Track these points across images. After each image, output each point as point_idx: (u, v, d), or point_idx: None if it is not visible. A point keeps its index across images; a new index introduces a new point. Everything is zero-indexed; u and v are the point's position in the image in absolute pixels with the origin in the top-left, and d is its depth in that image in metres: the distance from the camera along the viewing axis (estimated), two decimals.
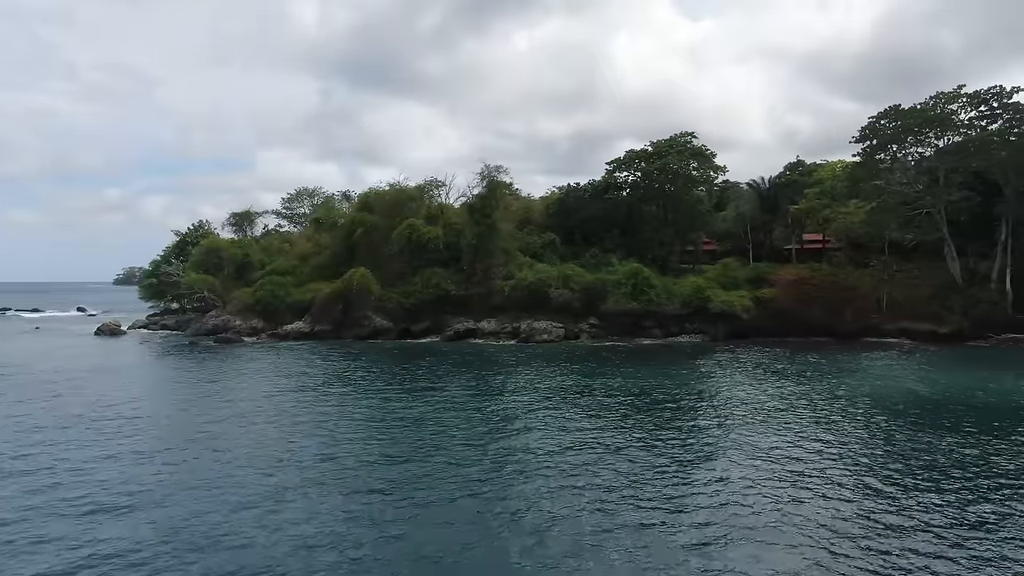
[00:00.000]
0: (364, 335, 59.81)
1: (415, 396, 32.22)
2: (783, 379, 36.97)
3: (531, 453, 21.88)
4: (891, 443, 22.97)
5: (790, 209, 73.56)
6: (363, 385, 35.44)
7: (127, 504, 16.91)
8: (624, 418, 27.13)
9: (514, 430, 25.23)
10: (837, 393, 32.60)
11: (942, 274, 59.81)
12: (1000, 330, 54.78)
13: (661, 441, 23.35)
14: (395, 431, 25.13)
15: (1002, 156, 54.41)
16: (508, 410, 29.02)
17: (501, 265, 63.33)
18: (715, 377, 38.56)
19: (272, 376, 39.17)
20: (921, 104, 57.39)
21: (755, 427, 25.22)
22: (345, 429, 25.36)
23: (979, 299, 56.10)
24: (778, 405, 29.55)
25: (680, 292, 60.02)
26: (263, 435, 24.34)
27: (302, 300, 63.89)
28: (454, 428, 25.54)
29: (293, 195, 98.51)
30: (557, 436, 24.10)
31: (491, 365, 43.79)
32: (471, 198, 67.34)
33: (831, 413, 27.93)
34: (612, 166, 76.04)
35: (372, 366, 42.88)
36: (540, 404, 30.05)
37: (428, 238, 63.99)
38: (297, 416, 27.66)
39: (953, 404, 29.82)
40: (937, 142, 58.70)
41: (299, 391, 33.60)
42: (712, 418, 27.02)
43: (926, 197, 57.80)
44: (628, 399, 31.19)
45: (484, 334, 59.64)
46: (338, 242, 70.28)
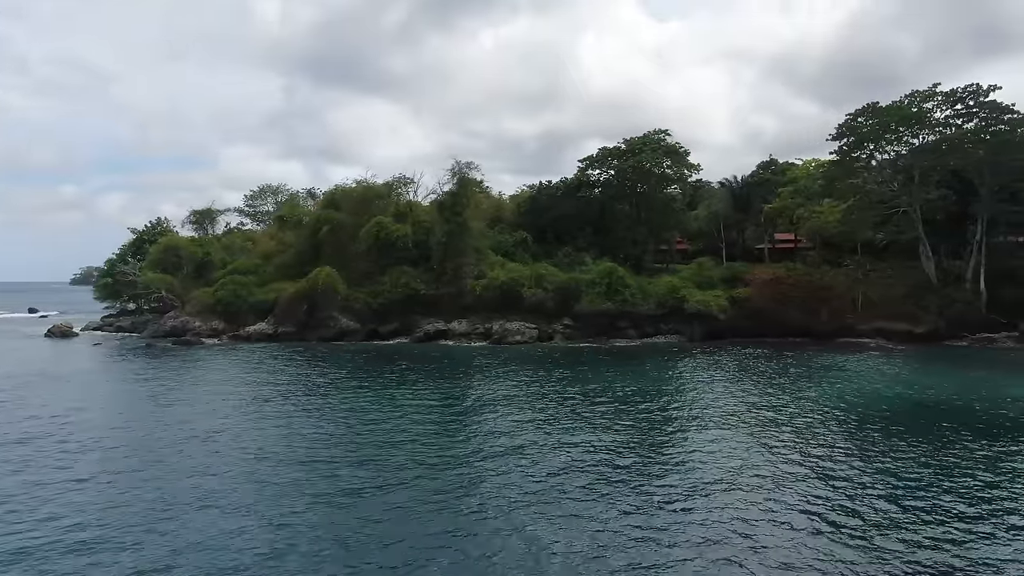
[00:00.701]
0: (330, 336, 57.62)
1: (382, 401, 30.43)
2: (762, 381, 35.74)
3: (502, 460, 20.52)
4: (871, 449, 21.93)
5: (763, 208, 72.93)
6: (328, 391, 33.45)
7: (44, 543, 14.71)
8: (600, 423, 25.65)
9: (486, 437, 23.63)
10: (816, 396, 31.53)
11: (916, 274, 59.45)
12: (975, 330, 54.43)
13: (636, 445, 22.33)
14: (361, 440, 23.37)
15: (979, 155, 54.02)
16: (480, 416, 27.39)
17: (472, 264, 61.59)
18: (693, 380, 37.19)
19: (231, 381, 36.98)
20: (897, 102, 56.83)
21: (733, 434, 24.08)
22: (308, 438, 23.55)
23: (954, 299, 55.72)
24: (757, 409, 28.34)
25: (655, 292, 58.85)
26: (219, 449, 22.31)
27: (265, 300, 61.49)
28: (423, 436, 23.94)
29: (256, 192, 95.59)
30: (530, 443, 22.62)
31: (462, 368, 42.04)
32: (441, 195, 65.48)
33: (812, 417, 26.84)
34: (585, 163, 74.80)
35: (338, 370, 40.87)
36: (513, 409, 28.44)
37: (397, 236, 62.01)
38: (256, 425, 25.70)
39: (936, 408, 28.89)
40: (913, 140, 58.26)
41: (259, 397, 31.54)
42: (689, 425, 25.64)
43: (902, 196, 57.33)
44: (605, 404, 29.65)
45: (455, 335, 57.84)
46: (303, 240, 67.89)
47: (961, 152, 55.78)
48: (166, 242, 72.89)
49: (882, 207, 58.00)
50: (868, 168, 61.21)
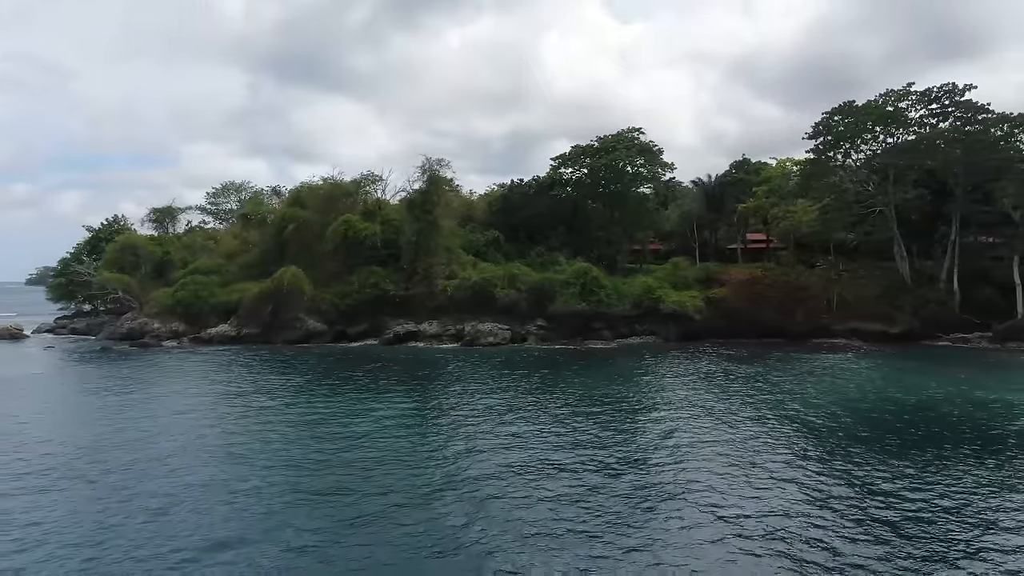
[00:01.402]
0: (295, 339, 55.58)
1: (350, 407, 28.81)
2: (740, 384, 34.63)
3: (474, 470, 19.44)
4: (848, 454, 21.24)
5: (737, 208, 72.49)
6: (292, 396, 31.68)
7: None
8: (574, 429, 24.37)
9: (457, 444, 22.34)
10: (797, 398, 30.67)
11: (889, 274, 59.36)
12: (949, 330, 54.33)
13: (609, 450, 21.35)
14: (325, 448, 21.89)
15: (955, 154, 53.85)
16: (451, 422, 25.98)
17: (443, 264, 59.99)
18: (670, 385, 35.85)
19: (190, 387, 34.96)
20: (872, 101, 56.54)
21: (710, 439, 23.22)
22: (269, 449, 21.95)
23: (928, 299, 55.55)
24: (736, 414, 27.31)
25: (630, 292, 57.82)
26: (173, 465, 20.54)
27: (228, 301, 59.12)
28: (391, 444, 22.51)
29: (219, 189, 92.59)
30: (503, 452, 21.39)
31: (433, 371, 40.50)
32: (411, 193, 63.79)
33: (794, 422, 25.93)
34: (557, 162, 73.63)
35: (302, 375, 39.01)
36: (486, 415, 27.00)
37: (365, 235, 60.13)
38: (214, 436, 23.92)
39: (917, 411, 28.01)
40: (889, 140, 58.04)
41: (219, 405, 29.74)
42: (667, 432, 24.33)
43: (878, 196, 57.06)
44: (581, 410, 28.29)
45: (426, 337, 56.15)
46: (267, 239, 65.62)
47: (936, 152, 55.66)
48: (123, 240, 70.04)
49: (858, 207, 57.71)
50: (844, 167, 60.90)
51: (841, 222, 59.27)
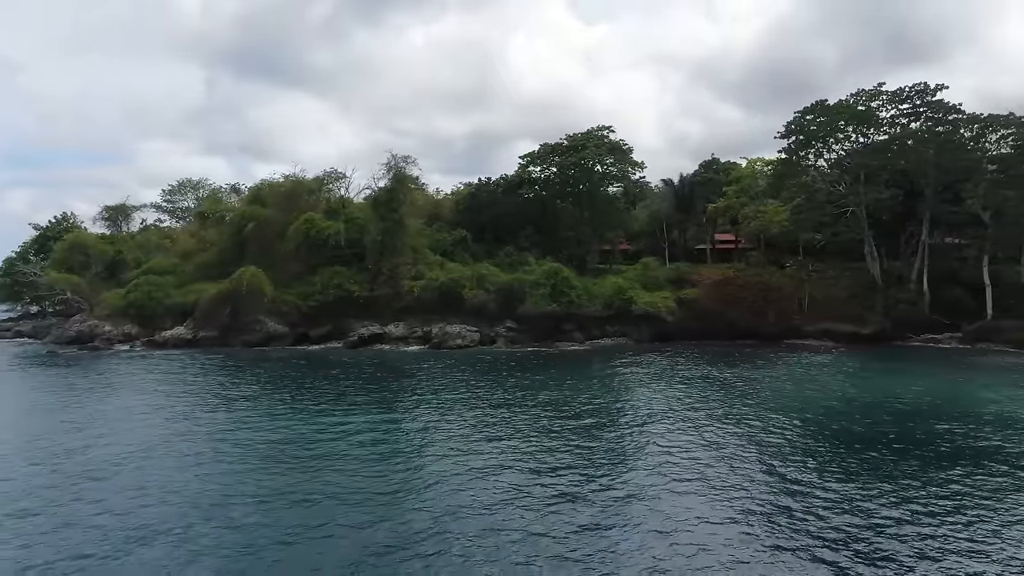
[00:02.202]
0: (255, 341, 53.26)
1: (309, 413, 27.25)
2: (715, 390, 33.61)
3: (440, 483, 18.60)
4: (823, 460, 21.09)
5: (707, 208, 71.95)
6: (249, 403, 29.89)
7: None
8: (549, 440, 23.15)
9: (424, 455, 21.17)
10: (772, 403, 29.98)
11: (858, 274, 59.29)
12: (919, 331, 54.28)
13: (586, 467, 20.15)
14: (283, 458, 20.58)
15: (927, 154, 53.74)
16: (417, 431, 24.59)
17: (409, 264, 58.24)
18: (644, 390, 34.60)
19: (142, 393, 32.99)
20: (844, 100, 56.25)
21: (682, 445, 22.53)
22: (223, 459, 20.67)
23: (899, 300, 55.44)
24: (712, 423, 26.20)
25: (601, 293, 56.64)
26: (119, 482, 18.74)
27: (184, 302, 56.55)
28: (352, 455, 21.25)
29: (175, 187, 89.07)
30: (471, 463, 20.30)
31: (399, 377, 38.84)
32: (376, 191, 61.88)
33: (770, 427, 25.22)
34: (526, 160, 72.29)
35: (261, 381, 37.10)
36: (454, 429, 25.53)
37: (328, 234, 58.00)
38: (163, 448, 22.21)
39: (896, 414, 27.38)
40: (861, 139, 57.84)
41: (170, 414, 27.84)
42: (643, 441, 23.30)
43: (850, 196, 56.80)
44: (553, 417, 27.03)
45: (391, 339, 54.30)
46: (226, 238, 63.03)
47: (907, 152, 55.57)
48: (72, 239, 66.90)
49: (830, 207, 57.41)
50: (816, 167, 60.62)
51: (812, 222, 58.93)
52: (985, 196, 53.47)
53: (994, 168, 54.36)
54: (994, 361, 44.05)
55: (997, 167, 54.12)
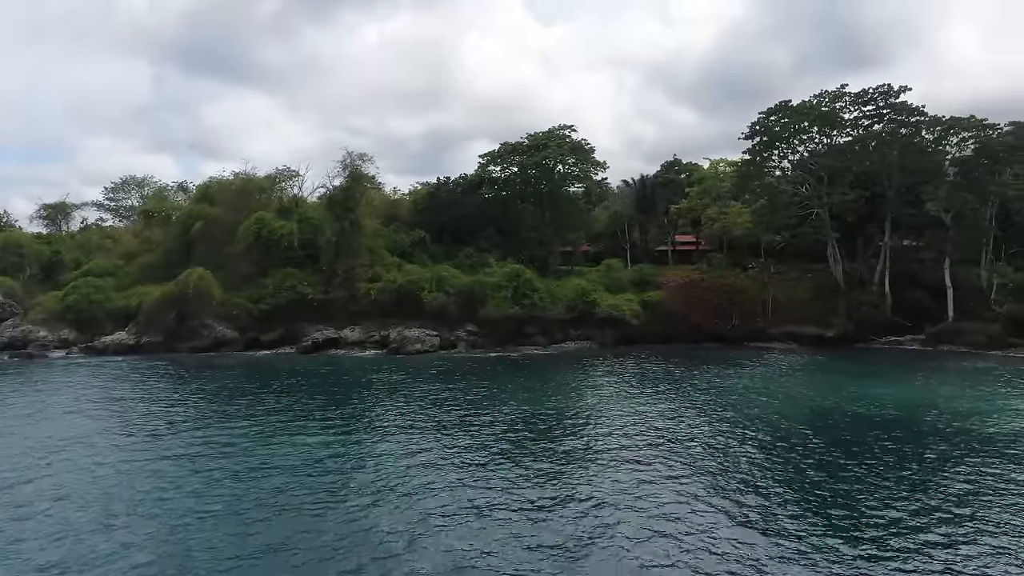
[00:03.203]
0: (203, 347, 50.65)
1: (256, 427, 25.29)
2: (683, 398, 32.39)
3: (399, 504, 17.26)
4: (786, 468, 20.49)
5: (669, 209, 71.31)
6: (192, 415, 27.66)
7: None
8: (512, 456, 21.70)
9: (380, 474, 19.50)
10: (742, 409, 29.05)
11: (819, 276, 59.22)
12: (881, 333, 54.31)
13: (545, 484, 18.84)
14: (227, 476, 18.91)
15: (891, 156, 53.67)
16: (373, 448, 22.75)
17: (366, 265, 56.14)
18: (610, 399, 32.99)
19: (77, 404, 30.52)
20: (807, 101, 55.95)
21: (648, 458, 21.39)
22: (161, 477, 18.85)
23: (862, 302, 55.33)
24: (680, 429, 25.27)
25: (564, 295, 55.36)
26: (39, 505, 16.58)
27: (126, 306, 53.62)
28: (300, 470, 19.81)
29: (118, 184, 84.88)
30: (430, 480, 18.99)
31: (355, 384, 36.88)
32: (331, 190, 59.63)
33: (740, 436, 24.19)
34: (485, 160, 70.68)
35: (208, 388, 34.81)
36: (414, 438, 23.89)
37: (281, 234, 55.55)
38: (93, 465, 20.17)
39: (870, 419, 26.44)
40: (826, 140, 57.66)
41: (105, 427, 25.55)
42: (610, 456, 21.78)
43: (814, 197, 56.53)
44: (515, 435, 25.47)
45: (347, 344, 52.17)
46: (172, 238, 60.13)
47: (870, 154, 55.52)
48: (5, 238, 63.26)
49: (795, 208, 57.10)
50: (780, 168, 60.33)
51: (777, 224, 58.58)
52: (947, 199, 53.68)
53: (955, 171, 54.63)
54: (957, 364, 43.84)
55: (958, 170, 54.41)
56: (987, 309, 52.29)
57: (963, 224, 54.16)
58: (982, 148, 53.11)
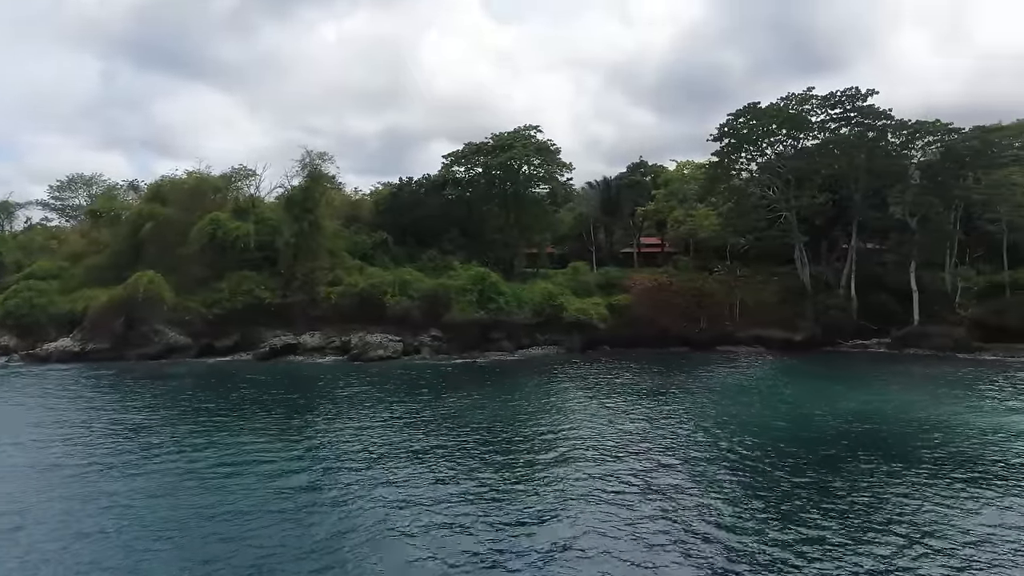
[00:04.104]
0: (154, 354, 48.32)
1: (209, 446, 23.45)
2: (652, 405, 31.54)
3: (354, 526, 16.20)
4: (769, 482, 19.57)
5: (636, 211, 70.61)
6: (136, 432, 25.67)
7: None
8: (474, 471, 20.56)
9: (342, 493, 18.32)
10: (715, 417, 28.46)
11: (786, 279, 58.95)
12: (848, 336, 54.19)
13: (511, 504, 17.79)
14: (169, 507, 17.13)
15: (859, 159, 53.54)
16: (332, 464, 21.38)
17: (326, 268, 54.30)
18: (578, 410, 31.41)
19: (12, 417, 28.37)
20: (775, 104, 55.59)
21: (615, 470, 20.66)
22: (105, 496, 17.69)
23: (828, 306, 55.15)
24: (651, 441, 24.24)
25: (530, 299, 54.21)
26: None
27: (71, 311, 51.22)
28: (251, 489, 18.56)
29: (64, 183, 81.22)
30: (392, 500, 17.85)
31: (313, 394, 35.24)
32: (289, 190, 57.55)
33: (713, 446, 23.26)
34: (450, 159, 69.14)
35: (156, 400, 32.72)
36: (374, 455, 22.46)
37: (236, 236, 53.49)
38: (27, 484, 18.41)
39: (849, 430, 25.70)
40: (794, 143, 57.39)
41: (41, 441, 23.66)
42: (576, 473, 20.59)
43: (782, 200, 56.22)
44: (480, 444, 24.20)
45: (306, 350, 50.32)
46: (121, 239, 57.51)
47: (837, 157, 55.40)
48: None
49: (764, 211, 56.74)
50: (749, 170, 59.97)
51: (744, 227, 58.19)
52: (912, 203, 53.76)
53: (921, 175, 54.78)
54: (925, 370, 43.50)
55: (923, 174, 54.57)
56: (952, 312, 52.50)
57: (928, 228, 54.29)
58: (947, 152, 53.28)
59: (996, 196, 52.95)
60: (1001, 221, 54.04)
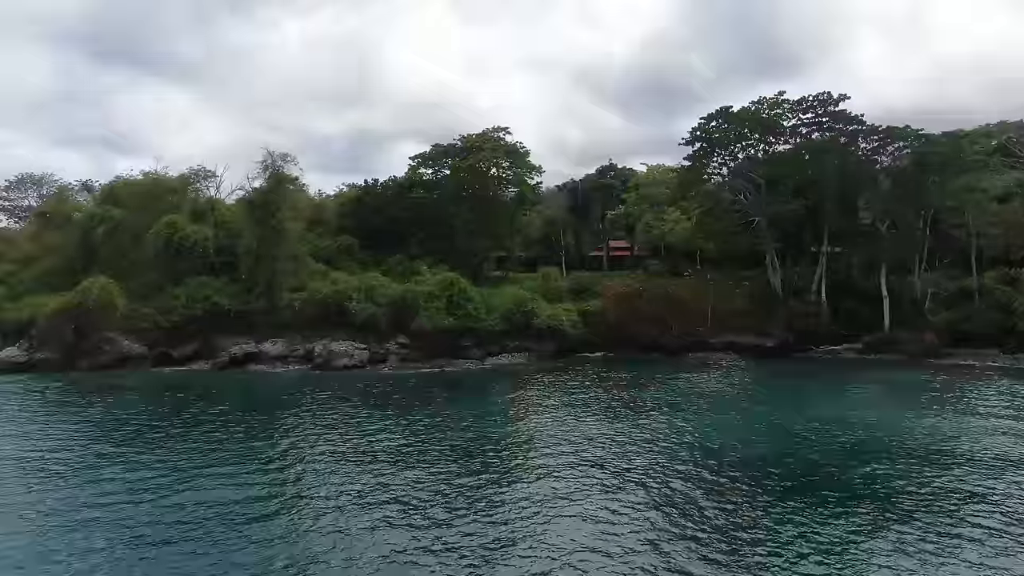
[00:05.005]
0: (106, 364, 46.03)
1: (157, 458, 22.28)
2: (623, 419, 30.61)
3: None
4: None
5: (607, 215, 69.89)
6: (80, 451, 23.94)
7: None
8: (440, 495, 19.58)
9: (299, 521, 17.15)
10: (690, 432, 27.82)
11: (757, 285, 58.67)
12: (820, 342, 54.05)
13: (473, 514, 17.71)
14: (112, 535, 15.86)
15: (831, 164, 53.31)
16: (292, 489, 20.19)
17: (289, 274, 52.49)
18: (546, 425, 30.10)
19: None
20: (747, 107, 55.15)
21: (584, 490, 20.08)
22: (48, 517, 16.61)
23: (800, 311, 54.90)
24: (624, 462, 23.31)
25: (500, 305, 52.96)
26: None
27: (17, 319, 48.71)
28: (206, 522, 17.13)
29: (13, 183, 77.81)
30: (353, 526, 16.80)
31: (274, 406, 33.36)
32: (251, 192, 55.55)
33: (673, 465, 22.68)
34: (416, 161, 67.86)
35: (104, 415, 30.84)
36: (337, 477, 21.25)
37: (195, 240, 51.68)
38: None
39: (821, 440, 25.05)
40: (766, 148, 57.03)
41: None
42: (547, 497, 19.62)
43: (755, 206, 55.79)
44: (447, 465, 22.97)
45: (268, 359, 48.50)
46: (72, 243, 55.27)
47: (809, 162, 55.12)
48: None
49: (736, 215, 56.31)
50: (721, 175, 59.51)
51: (717, 231, 57.73)
52: (883, 208, 53.69)
53: (891, 181, 54.74)
54: (895, 376, 43.11)
55: (893, 180, 54.52)
56: (922, 318, 52.48)
57: (898, 233, 54.28)
58: (917, 158, 53.25)
59: (964, 202, 53.08)
60: (969, 226, 54.24)
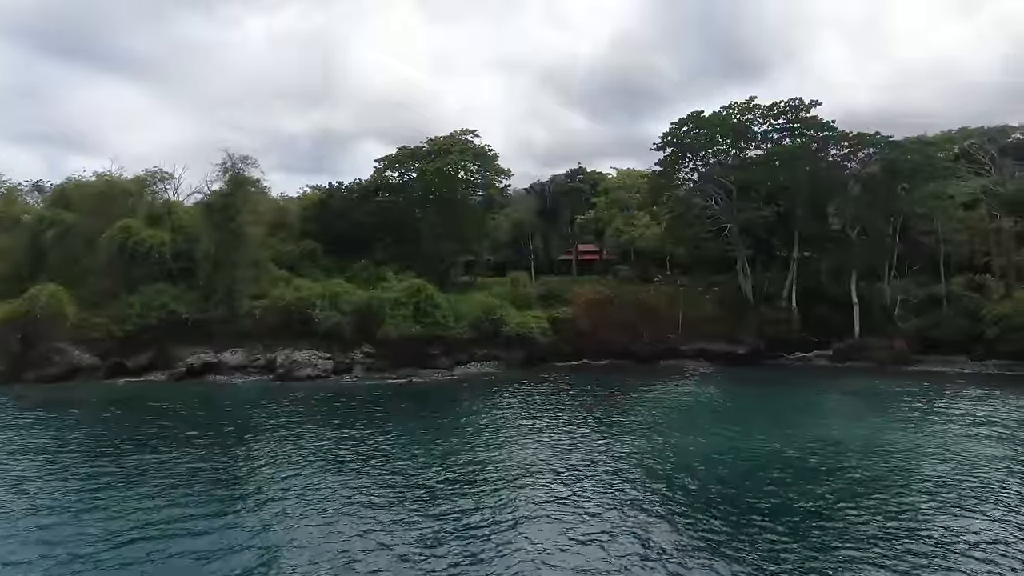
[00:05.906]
0: (55, 376, 43.91)
1: (105, 487, 20.54)
2: (593, 431, 29.86)
3: None
4: None
5: (576, 219, 69.10)
6: (19, 474, 22.24)
7: None
8: (405, 520, 18.33)
9: None
10: (661, 443, 27.29)
11: (728, 291, 58.27)
12: (791, 349, 53.77)
13: None
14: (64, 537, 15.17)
15: (802, 170, 53.03)
16: (252, 516, 18.73)
17: (250, 280, 50.75)
18: (516, 434, 29.62)
19: None
20: (718, 112, 54.70)
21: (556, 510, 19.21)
22: None
23: (771, 318, 54.57)
24: (592, 474, 22.49)
25: (469, 312, 51.81)
26: None
27: None
28: None
29: None
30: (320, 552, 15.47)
31: (231, 424, 31.46)
32: (209, 195, 53.62)
33: (657, 477, 21.16)
34: (382, 164, 66.27)
35: (50, 433, 28.98)
36: (299, 500, 19.94)
37: (151, 245, 49.75)
38: None
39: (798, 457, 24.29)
40: (737, 153, 56.64)
41: None
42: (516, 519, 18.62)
43: (726, 211, 55.35)
44: (414, 484, 21.75)
45: (228, 369, 46.76)
46: (19, 248, 52.95)
47: (780, 168, 54.87)
48: None
49: (707, 221, 55.84)
50: (692, 180, 59.01)
51: (688, 237, 57.24)
52: (853, 215, 53.61)
53: (861, 187, 54.68)
54: (865, 385, 42.64)
55: (863, 186, 54.45)
56: (892, 325, 52.43)
57: (868, 240, 54.24)
58: (887, 164, 53.19)
59: (933, 208, 53.21)
60: (937, 233, 54.39)
